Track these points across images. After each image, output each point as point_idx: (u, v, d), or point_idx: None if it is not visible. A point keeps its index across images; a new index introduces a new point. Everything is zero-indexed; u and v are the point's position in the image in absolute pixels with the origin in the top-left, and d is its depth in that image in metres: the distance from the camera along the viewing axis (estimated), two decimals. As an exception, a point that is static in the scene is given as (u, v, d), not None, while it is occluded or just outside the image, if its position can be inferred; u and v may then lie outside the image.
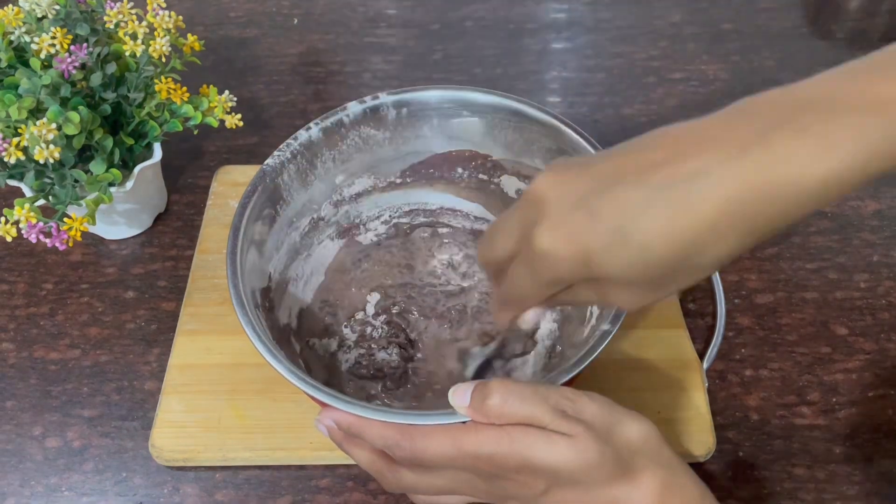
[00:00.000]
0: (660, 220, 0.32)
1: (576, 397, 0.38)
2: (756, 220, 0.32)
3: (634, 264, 0.33)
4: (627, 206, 0.32)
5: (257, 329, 0.44)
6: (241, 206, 0.50)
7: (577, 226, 0.33)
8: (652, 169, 0.32)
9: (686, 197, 0.31)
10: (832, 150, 0.30)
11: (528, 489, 0.38)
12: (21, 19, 0.55)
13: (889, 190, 0.66)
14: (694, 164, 0.32)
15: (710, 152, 0.32)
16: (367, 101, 0.54)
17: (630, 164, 0.33)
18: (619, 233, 0.32)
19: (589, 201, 0.33)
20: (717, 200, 0.31)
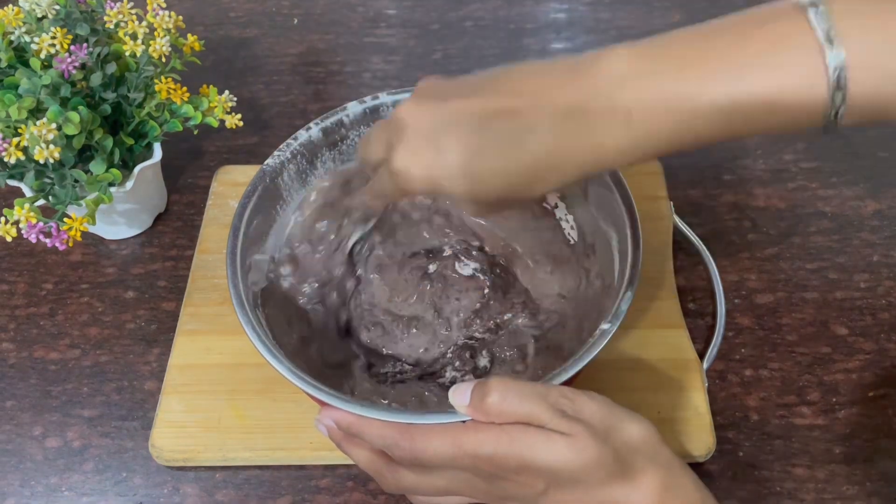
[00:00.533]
0: (492, 162, 0.39)
1: (575, 396, 0.38)
2: (565, 173, 0.39)
3: (471, 192, 0.40)
4: (468, 147, 0.39)
5: (257, 329, 0.44)
6: (241, 206, 0.50)
7: (426, 156, 0.40)
8: (494, 116, 0.39)
9: (515, 147, 0.38)
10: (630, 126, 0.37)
11: (528, 489, 0.38)
12: (21, 19, 0.55)
13: (889, 190, 0.66)
14: (526, 119, 0.38)
15: (541, 110, 0.38)
16: (367, 101, 0.54)
17: (479, 106, 0.39)
18: (459, 167, 0.39)
19: (439, 136, 0.40)
20: (538, 153, 0.38)
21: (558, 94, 0.38)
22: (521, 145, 0.38)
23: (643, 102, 0.36)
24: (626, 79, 0.37)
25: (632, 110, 0.37)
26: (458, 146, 0.39)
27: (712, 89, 0.36)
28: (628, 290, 0.45)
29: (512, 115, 0.39)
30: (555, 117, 0.38)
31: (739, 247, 0.63)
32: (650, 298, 0.58)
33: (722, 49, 0.36)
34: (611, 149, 0.38)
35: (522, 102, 0.39)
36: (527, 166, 0.39)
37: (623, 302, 0.44)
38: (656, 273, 0.59)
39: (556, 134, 0.38)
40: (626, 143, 0.37)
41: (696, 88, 0.36)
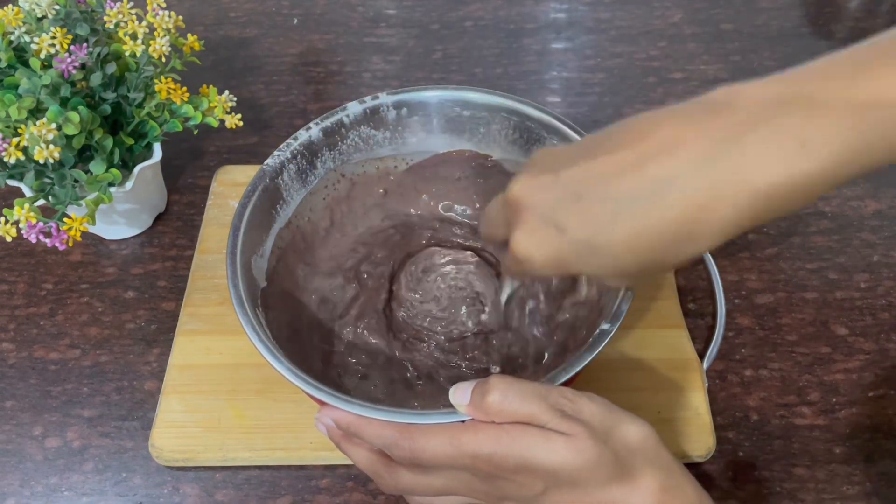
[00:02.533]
0: (624, 232, 0.33)
1: (575, 397, 0.38)
2: (726, 224, 0.32)
3: (605, 268, 0.35)
4: (593, 220, 0.34)
5: (257, 329, 0.44)
6: (241, 206, 0.50)
7: (547, 238, 0.36)
8: (618, 175, 0.33)
9: (651, 207, 0.32)
10: (805, 155, 0.31)
11: (527, 490, 0.38)
12: (21, 19, 0.55)
13: (889, 190, 0.66)
14: (661, 170, 0.32)
15: (678, 155, 0.32)
16: (367, 101, 0.54)
17: (598, 170, 0.34)
18: (587, 246, 0.35)
19: (558, 214, 0.35)
20: (683, 208, 0.32)
21: (697, 136, 0.32)
22: (659, 203, 0.32)
23: (819, 128, 0.30)
24: (789, 103, 0.31)
25: (806, 138, 0.30)
26: (580, 220, 0.34)
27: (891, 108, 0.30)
28: (628, 290, 0.45)
29: (640, 169, 0.33)
30: (697, 160, 0.31)
31: (739, 247, 0.63)
32: (650, 298, 0.58)
33: (888, 69, 0.31)
34: (784, 188, 0.31)
35: (651, 152, 0.33)
36: (671, 228, 0.32)
37: (623, 302, 0.44)
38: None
39: (703, 179, 0.31)
40: (804, 179, 0.31)
41: (873, 108, 0.31)
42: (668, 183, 0.32)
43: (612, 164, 0.34)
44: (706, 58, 0.78)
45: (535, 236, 0.36)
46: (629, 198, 0.33)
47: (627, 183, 0.33)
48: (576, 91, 0.76)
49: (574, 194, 0.35)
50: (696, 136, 0.32)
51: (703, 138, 0.32)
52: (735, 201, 0.31)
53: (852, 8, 0.84)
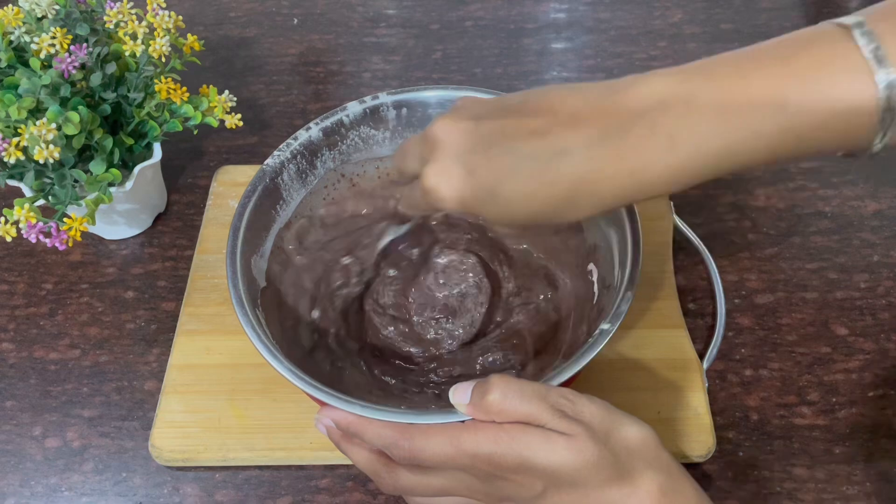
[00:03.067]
0: (522, 186, 0.38)
1: (575, 398, 0.38)
2: (603, 198, 0.37)
3: (500, 216, 0.39)
4: (499, 170, 0.38)
5: (257, 329, 0.44)
6: (240, 206, 0.50)
7: (456, 177, 0.39)
8: (527, 136, 0.38)
9: (547, 170, 0.37)
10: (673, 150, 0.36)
11: (526, 490, 0.38)
12: (21, 19, 0.55)
13: (889, 190, 0.66)
14: (560, 141, 0.37)
15: (577, 131, 0.37)
16: (367, 101, 0.54)
17: (513, 127, 0.38)
18: (489, 191, 0.38)
19: (469, 158, 0.39)
20: (572, 177, 0.37)
21: (595, 117, 0.37)
22: (555, 169, 0.37)
23: (686, 128, 0.35)
24: (668, 103, 0.36)
25: (674, 136, 0.35)
26: (488, 168, 0.38)
27: (760, 112, 0.35)
28: (628, 290, 0.45)
29: (545, 136, 0.37)
30: (591, 140, 0.37)
31: (739, 247, 0.63)
32: (650, 298, 0.58)
33: (767, 71, 0.35)
34: (653, 175, 0.36)
35: (557, 123, 0.37)
36: (560, 191, 0.37)
37: (623, 302, 0.44)
38: (656, 273, 0.59)
39: (592, 158, 0.36)
40: (669, 170, 0.36)
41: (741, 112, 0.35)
42: (564, 153, 0.37)
43: (524, 126, 0.38)
44: (706, 58, 0.78)
45: (446, 173, 0.39)
46: (532, 157, 0.37)
47: (533, 145, 0.37)
48: (576, 91, 0.76)
49: (487, 143, 0.38)
50: (595, 119, 0.37)
51: (599, 122, 0.37)
52: (613, 181, 0.37)
53: (852, 8, 0.84)
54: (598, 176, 0.37)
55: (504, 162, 0.38)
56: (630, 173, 0.36)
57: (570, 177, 0.37)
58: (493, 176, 0.38)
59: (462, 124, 0.40)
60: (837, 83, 0.34)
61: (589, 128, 0.37)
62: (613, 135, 0.36)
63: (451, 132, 0.40)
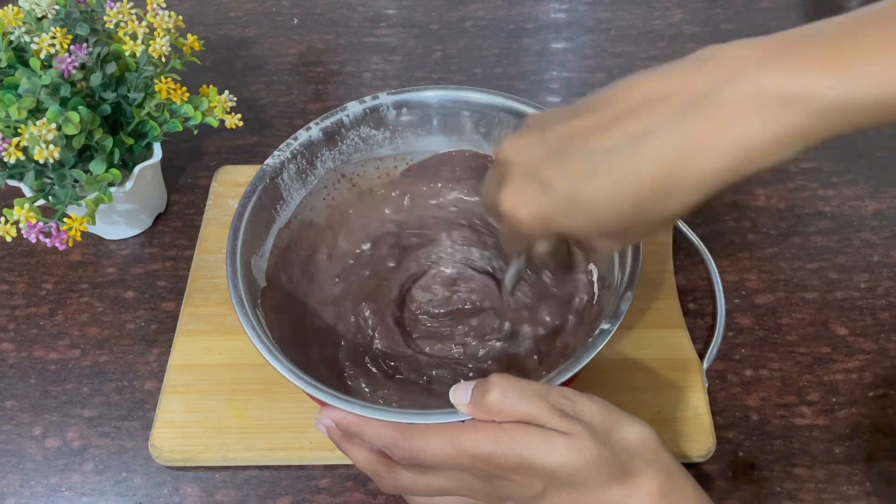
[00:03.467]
0: (604, 185, 0.34)
1: (575, 397, 0.38)
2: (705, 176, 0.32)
3: (588, 224, 0.35)
4: (575, 175, 0.34)
5: (257, 329, 0.44)
6: (240, 206, 0.50)
7: (531, 194, 0.36)
8: (599, 131, 0.34)
9: (628, 160, 0.33)
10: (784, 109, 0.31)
11: (526, 490, 0.38)
12: (21, 19, 0.55)
13: (889, 190, 0.66)
14: (639, 125, 0.33)
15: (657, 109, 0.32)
16: (367, 101, 0.54)
17: (581, 127, 0.35)
18: (569, 200, 0.35)
19: (541, 170, 0.35)
20: (661, 160, 0.32)
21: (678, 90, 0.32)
22: (637, 155, 0.32)
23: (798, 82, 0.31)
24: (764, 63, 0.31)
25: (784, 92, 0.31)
26: (562, 175, 0.35)
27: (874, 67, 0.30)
28: (628, 290, 0.45)
29: (619, 125, 0.33)
30: (677, 113, 0.32)
31: (739, 247, 0.63)
32: (650, 298, 0.58)
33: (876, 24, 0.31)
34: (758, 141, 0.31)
35: (631, 109, 0.33)
36: (649, 180, 0.33)
37: (623, 302, 0.44)
38: (656, 273, 0.59)
39: (681, 132, 0.32)
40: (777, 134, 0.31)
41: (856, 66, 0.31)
42: (646, 136, 0.32)
43: (593, 122, 0.34)
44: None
45: (521, 193, 0.36)
46: (608, 152, 0.33)
47: (607, 138, 0.33)
48: (576, 91, 0.76)
49: (556, 151, 0.35)
50: (676, 91, 0.33)
51: (682, 93, 0.32)
52: (712, 154, 0.32)
53: (852, 8, 0.84)
54: (693, 151, 0.32)
55: (580, 164, 0.34)
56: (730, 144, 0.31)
57: (657, 160, 0.32)
58: (569, 183, 0.35)
59: (528, 139, 0.37)
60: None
61: (672, 103, 0.32)
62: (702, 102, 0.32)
63: (518, 150, 0.37)
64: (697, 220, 0.64)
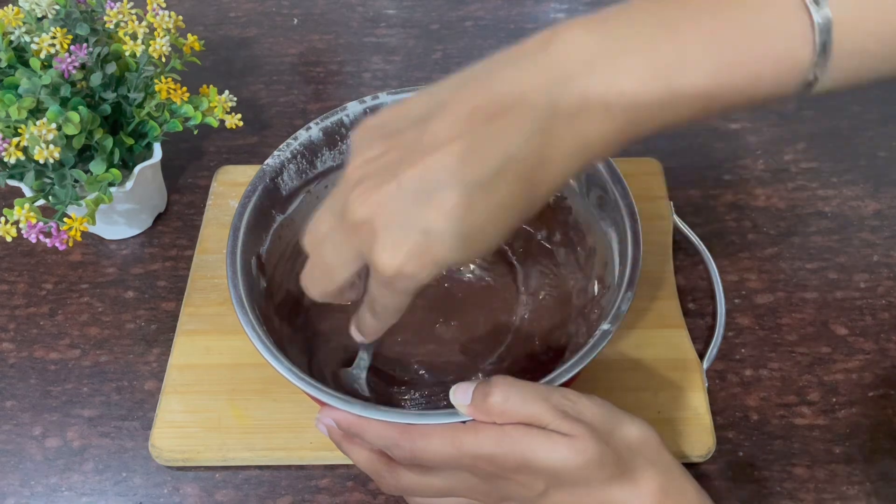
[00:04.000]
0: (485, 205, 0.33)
1: (577, 398, 0.38)
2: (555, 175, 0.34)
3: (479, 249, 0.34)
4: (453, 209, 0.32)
5: (257, 329, 0.44)
6: (241, 206, 0.50)
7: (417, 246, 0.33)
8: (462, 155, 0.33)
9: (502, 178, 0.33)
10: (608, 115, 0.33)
11: (528, 490, 0.38)
12: (21, 19, 0.55)
13: (889, 190, 0.66)
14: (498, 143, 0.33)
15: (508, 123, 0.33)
16: (367, 101, 0.54)
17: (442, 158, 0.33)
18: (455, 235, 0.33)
19: (415, 221, 0.33)
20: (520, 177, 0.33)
21: (518, 100, 0.33)
22: (503, 178, 0.33)
23: (618, 90, 0.32)
24: (594, 65, 0.33)
25: (608, 101, 0.32)
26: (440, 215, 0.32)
27: (693, 64, 0.32)
28: (628, 290, 0.45)
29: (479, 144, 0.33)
30: (524, 130, 0.33)
31: (739, 247, 0.63)
32: (650, 298, 0.58)
33: (696, 16, 0.33)
34: (596, 143, 0.33)
35: (484, 116, 0.33)
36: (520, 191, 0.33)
37: (623, 302, 0.44)
38: (656, 273, 0.59)
39: (533, 146, 0.33)
40: (609, 135, 0.33)
41: (675, 65, 0.32)
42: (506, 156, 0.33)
43: (452, 151, 0.33)
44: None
45: (404, 249, 0.33)
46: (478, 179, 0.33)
47: (473, 163, 0.33)
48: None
49: (424, 194, 0.33)
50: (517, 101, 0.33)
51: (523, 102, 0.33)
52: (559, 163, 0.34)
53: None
54: (545, 161, 0.33)
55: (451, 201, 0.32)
56: (574, 148, 0.33)
57: (518, 178, 0.33)
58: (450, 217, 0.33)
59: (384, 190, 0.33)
60: (773, 26, 0.33)
61: (517, 118, 0.33)
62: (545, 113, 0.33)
63: (379, 207, 0.33)
64: (697, 220, 0.64)
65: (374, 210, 0.33)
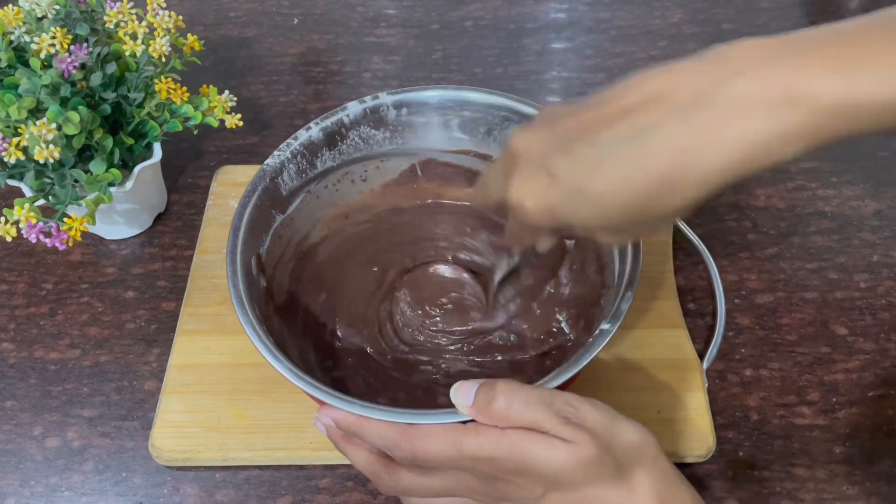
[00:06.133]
0: (611, 177, 0.33)
1: (578, 404, 0.38)
2: (708, 171, 0.32)
3: (593, 217, 0.35)
4: (582, 166, 0.34)
5: (257, 329, 0.44)
6: (241, 206, 0.50)
7: (539, 185, 0.35)
8: (608, 124, 0.34)
9: (635, 152, 0.33)
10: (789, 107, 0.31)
11: (526, 492, 0.38)
12: (21, 19, 0.55)
13: (889, 190, 0.66)
14: (648, 117, 0.33)
15: (664, 103, 0.33)
16: (367, 101, 0.54)
17: (591, 119, 0.35)
18: (576, 191, 0.34)
19: (550, 161, 0.35)
20: (667, 152, 0.32)
21: (684, 87, 0.33)
22: (644, 148, 0.33)
23: (803, 78, 0.31)
24: (770, 61, 0.32)
25: (787, 85, 0.31)
26: (572, 165, 0.34)
27: (863, 82, 0.31)
28: (628, 290, 0.45)
29: (630, 117, 0.34)
30: (683, 109, 0.32)
31: (739, 247, 0.63)
32: (650, 298, 0.58)
33: (871, 44, 0.32)
34: (762, 138, 0.31)
35: (642, 103, 0.34)
36: (655, 172, 0.32)
37: (623, 302, 0.44)
38: (656, 273, 0.59)
39: (687, 127, 0.32)
40: (784, 130, 0.31)
41: (847, 78, 0.31)
42: (652, 130, 0.33)
43: (602, 115, 0.35)
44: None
45: (529, 183, 0.36)
46: (616, 144, 0.34)
47: (615, 130, 0.34)
48: (576, 91, 0.76)
49: (566, 142, 0.35)
50: (683, 87, 0.33)
51: (688, 89, 0.33)
52: (717, 150, 0.32)
53: (852, 8, 0.84)
54: (698, 145, 0.32)
55: (588, 155, 0.34)
56: (732, 142, 0.31)
57: (664, 154, 0.32)
58: (579, 172, 0.34)
59: (538, 132, 0.37)
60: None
61: (678, 99, 0.33)
62: (709, 97, 0.32)
63: (528, 142, 0.37)
64: (697, 220, 0.64)
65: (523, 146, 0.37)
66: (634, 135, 0.33)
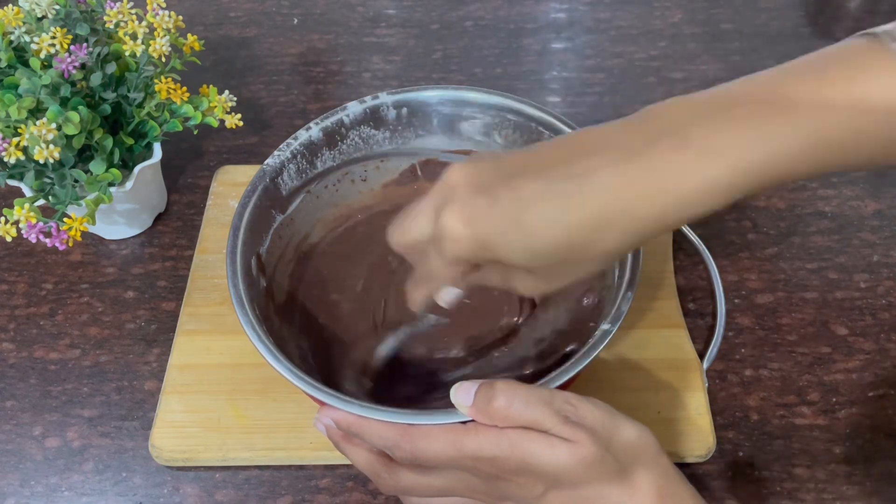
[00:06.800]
0: (550, 210, 0.35)
1: (578, 403, 0.38)
2: (637, 220, 0.35)
3: (525, 250, 0.36)
4: (523, 196, 0.35)
5: (257, 329, 0.44)
6: (241, 206, 0.50)
7: (478, 209, 0.36)
8: (552, 165, 0.36)
9: (575, 191, 0.35)
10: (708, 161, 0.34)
11: (527, 491, 0.38)
12: (21, 19, 0.55)
13: (889, 190, 0.66)
14: (588, 164, 0.35)
15: (603, 154, 0.35)
16: (367, 101, 0.54)
17: (535, 160, 0.37)
18: (513, 219, 0.35)
19: (492, 188, 0.36)
20: (602, 197, 0.34)
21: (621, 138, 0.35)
22: (582, 190, 0.34)
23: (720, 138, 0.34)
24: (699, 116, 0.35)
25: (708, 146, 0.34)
26: (512, 192, 0.35)
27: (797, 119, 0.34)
28: (628, 290, 0.45)
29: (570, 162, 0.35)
30: (618, 158, 0.35)
31: (739, 247, 0.63)
32: (650, 298, 0.58)
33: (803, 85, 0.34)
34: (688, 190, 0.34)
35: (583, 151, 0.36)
36: (590, 214, 0.34)
37: (623, 302, 0.44)
38: (656, 273, 0.59)
39: (619, 174, 0.34)
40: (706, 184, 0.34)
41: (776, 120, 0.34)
42: (591, 172, 0.35)
43: (547, 158, 0.37)
44: (706, 58, 0.78)
45: (467, 208, 0.36)
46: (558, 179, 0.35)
47: (559, 169, 0.35)
48: (576, 91, 0.76)
49: (509, 176, 0.36)
50: (621, 141, 0.35)
51: (625, 143, 0.35)
52: (645, 199, 0.34)
53: (852, 8, 0.84)
54: (629, 194, 0.34)
55: (529, 187, 0.35)
56: (662, 190, 0.34)
57: (599, 197, 0.34)
58: (518, 201, 0.35)
59: (479, 165, 0.37)
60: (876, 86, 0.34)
61: (615, 148, 0.35)
62: (642, 150, 0.34)
63: (469, 172, 0.37)
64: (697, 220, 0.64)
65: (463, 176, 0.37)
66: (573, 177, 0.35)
